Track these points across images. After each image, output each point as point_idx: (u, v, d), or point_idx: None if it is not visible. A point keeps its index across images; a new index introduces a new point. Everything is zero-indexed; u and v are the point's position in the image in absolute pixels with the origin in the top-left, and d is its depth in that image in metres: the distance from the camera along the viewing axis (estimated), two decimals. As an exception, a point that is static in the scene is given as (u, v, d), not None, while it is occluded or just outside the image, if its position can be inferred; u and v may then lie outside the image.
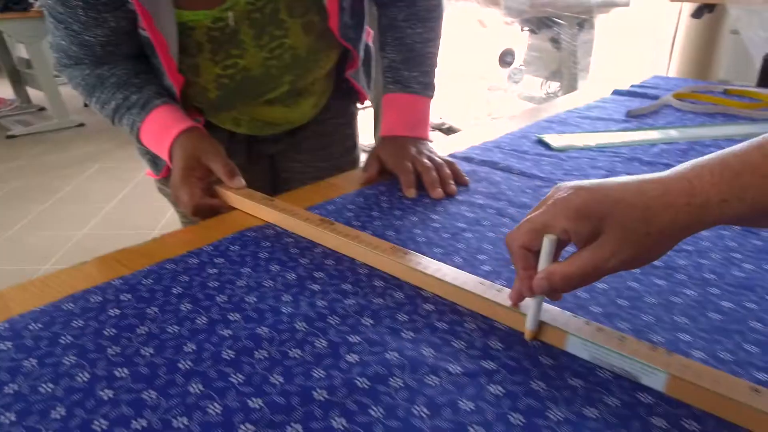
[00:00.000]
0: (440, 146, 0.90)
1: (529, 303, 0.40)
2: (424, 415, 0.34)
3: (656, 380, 0.36)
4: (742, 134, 0.97)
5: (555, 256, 0.38)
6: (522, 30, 2.80)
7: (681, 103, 1.17)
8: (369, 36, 0.89)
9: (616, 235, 0.34)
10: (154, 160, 0.76)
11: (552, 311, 0.42)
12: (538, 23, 2.68)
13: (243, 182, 0.64)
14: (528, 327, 0.41)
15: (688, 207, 0.33)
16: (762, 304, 0.46)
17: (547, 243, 0.37)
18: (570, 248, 0.39)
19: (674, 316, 0.45)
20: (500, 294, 0.44)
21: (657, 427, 0.34)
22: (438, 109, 3.45)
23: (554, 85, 2.82)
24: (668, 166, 0.80)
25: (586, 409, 0.35)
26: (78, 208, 2.54)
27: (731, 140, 0.93)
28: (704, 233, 0.59)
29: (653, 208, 0.34)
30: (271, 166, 0.91)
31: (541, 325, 0.41)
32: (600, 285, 0.49)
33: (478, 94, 3.30)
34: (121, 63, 0.68)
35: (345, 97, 0.88)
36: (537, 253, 0.38)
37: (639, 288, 0.49)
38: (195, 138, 0.64)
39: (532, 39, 2.81)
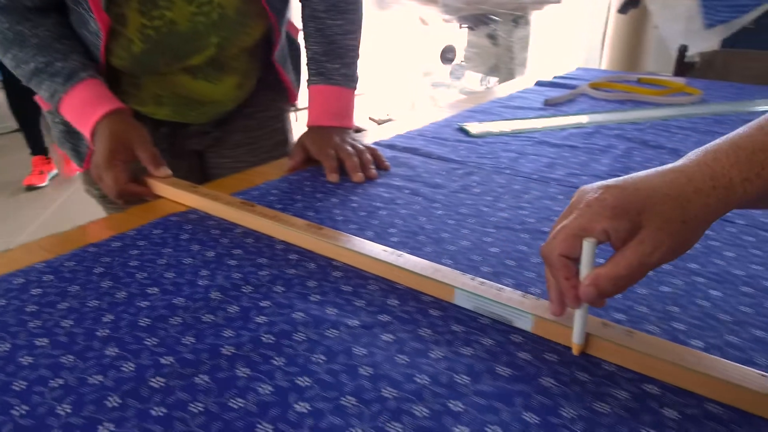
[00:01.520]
0: (369, 135, 0.95)
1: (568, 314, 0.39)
2: (321, 361, 0.38)
3: (525, 322, 0.42)
4: (645, 118, 1.06)
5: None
6: (460, 27, 2.89)
7: (596, 92, 1.26)
8: (297, 32, 0.93)
9: (656, 228, 0.34)
10: (75, 149, 0.77)
11: (443, 270, 0.47)
12: (475, 20, 2.77)
13: (168, 171, 0.67)
14: (576, 341, 0.39)
15: (714, 191, 0.34)
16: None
17: (588, 247, 0.35)
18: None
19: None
20: (400, 258, 0.49)
21: (523, 359, 0.39)
22: (385, 106, 3.50)
23: (493, 80, 2.92)
24: (573, 147, 0.87)
25: (464, 348, 0.40)
26: None
27: (635, 123, 1.02)
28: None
29: (684, 195, 0.34)
30: (199, 163, 0.92)
31: (431, 282, 0.46)
32: (492, 249, 0.55)
33: (423, 90, 3.38)
34: (43, 22, 0.67)
35: (272, 90, 0.91)
36: (576, 261, 0.36)
37: (529, 251, 0.54)
38: (122, 121, 0.66)
39: (471, 36, 2.91)
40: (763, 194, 0.34)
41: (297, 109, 0.99)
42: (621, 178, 0.36)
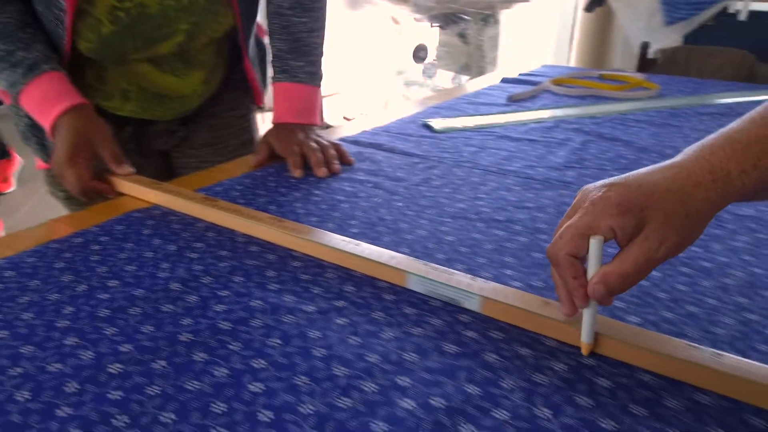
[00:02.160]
0: (335, 132, 0.96)
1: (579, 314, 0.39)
2: (277, 345, 0.40)
3: (473, 303, 0.44)
4: (604, 112, 1.10)
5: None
6: (431, 26, 2.92)
7: (558, 88, 1.29)
8: (264, 34, 0.94)
9: (660, 223, 0.34)
10: (41, 143, 0.76)
11: (397, 257, 0.49)
12: (446, 19, 2.80)
13: (131, 169, 0.67)
14: (585, 340, 0.39)
15: (714, 184, 0.35)
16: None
17: (595, 245, 0.35)
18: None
19: (504, 258, 0.53)
20: (358, 247, 0.51)
21: (469, 337, 0.41)
22: (359, 105, 3.52)
23: (464, 79, 2.95)
24: (533, 141, 0.90)
25: (414, 329, 0.42)
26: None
27: (593, 117, 1.05)
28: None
29: (685, 190, 0.35)
30: (165, 163, 0.92)
31: (385, 268, 0.48)
32: (448, 237, 0.57)
33: (396, 88, 3.40)
34: (7, 9, 0.66)
35: (238, 90, 0.92)
36: (582, 260, 0.37)
37: (482, 238, 0.57)
38: (84, 118, 0.66)
39: (442, 35, 2.94)
40: (761, 186, 0.35)
41: (263, 110, 0.99)
42: (623, 175, 0.37)
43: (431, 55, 3.17)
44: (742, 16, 1.88)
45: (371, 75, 3.58)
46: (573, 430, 0.33)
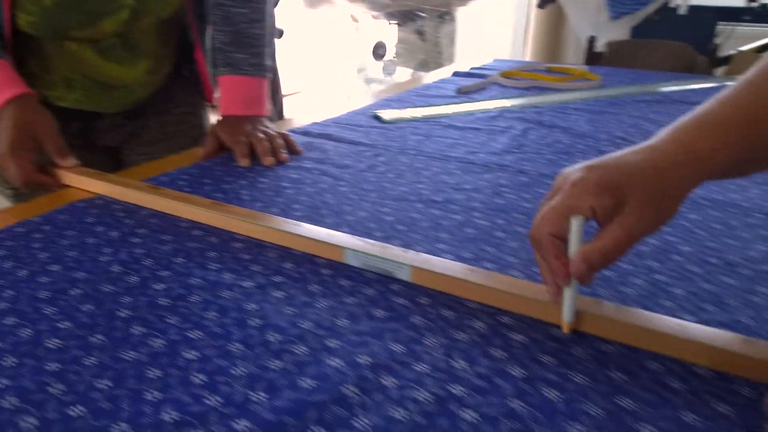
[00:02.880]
0: (284, 124, 0.98)
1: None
2: (214, 317, 0.42)
3: (404, 273, 0.47)
4: (547, 102, 1.14)
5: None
6: (389, 24, 2.95)
7: (506, 81, 1.34)
8: None
9: (638, 202, 0.36)
10: None
11: (336, 235, 0.51)
12: (402, 17, 2.84)
13: (75, 161, 0.68)
14: (566, 319, 0.40)
15: (687, 163, 0.36)
16: (511, 221, 0.59)
17: (576, 224, 0.37)
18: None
19: (438, 233, 0.56)
20: (298, 227, 0.53)
21: (398, 304, 0.44)
22: (321, 103, 3.52)
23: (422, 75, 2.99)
24: (476, 129, 0.94)
25: (348, 298, 0.44)
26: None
27: (536, 107, 1.10)
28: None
29: (662, 169, 0.36)
30: (115, 160, 0.92)
31: (323, 245, 0.50)
32: (387, 217, 0.59)
33: (358, 86, 3.42)
34: None
35: (188, 86, 0.93)
36: (564, 240, 0.38)
37: (420, 217, 0.60)
38: (28, 108, 0.65)
39: (400, 32, 2.97)
40: (734, 162, 0.36)
41: (215, 108, 1.00)
42: (602, 158, 0.38)
43: (390, 53, 3.21)
44: (682, 11, 1.97)
45: (332, 73, 3.59)
46: (485, 378, 0.36)
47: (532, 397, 0.34)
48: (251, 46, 0.81)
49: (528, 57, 3.16)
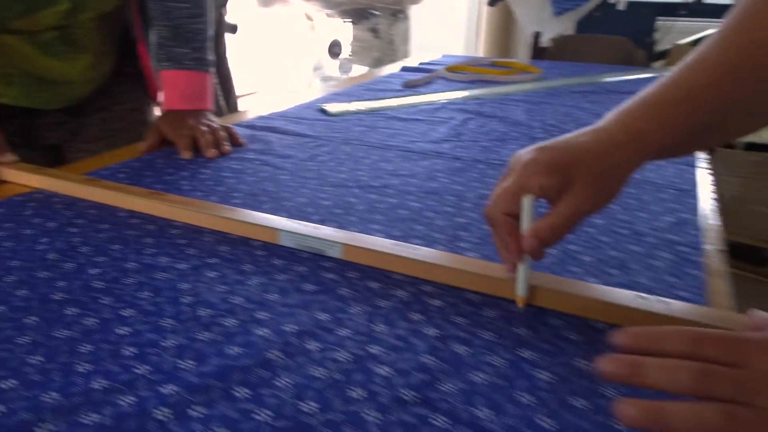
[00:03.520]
0: (229, 117, 0.99)
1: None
2: (147, 297, 0.43)
3: (335, 250, 0.49)
4: (489, 94, 1.19)
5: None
6: (343, 22, 2.97)
7: (452, 75, 1.38)
8: None
9: (584, 181, 0.38)
10: None
11: (271, 218, 0.53)
12: (356, 15, 2.86)
13: (14, 157, 0.67)
14: (519, 293, 0.42)
15: (630, 143, 0.38)
16: (442, 203, 0.63)
17: (527, 202, 0.39)
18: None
19: (373, 215, 0.59)
20: (235, 212, 0.55)
21: (328, 278, 0.46)
22: (278, 102, 3.50)
23: (379, 72, 3.03)
24: (418, 120, 0.97)
25: (279, 275, 0.47)
26: None
27: (478, 99, 1.14)
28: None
29: (605, 149, 0.38)
30: (57, 158, 0.91)
31: (258, 228, 0.52)
32: (325, 202, 0.62)
33: (314, 84, 3.42)
34: None
35: (131, 82, 0.93)
36: (517, 219, 0.40)
37: (356, 201, 0.62)
38: None
39: (355, 30, 2.99)
40: (676, 142, 0.39)
41: (159, 105, 1.00)
42: (552, 140, 0.40)
43: (346, 51, 3.22)
44: (621, 6, 2.06)
45: (288, 72, 3.58)
46: (402, 338, 0.39)
47: (443, 353, 0.37)
48: (192, 40, 0.82)
49: (481, 53, 3.23)
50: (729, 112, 0.40)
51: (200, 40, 0.84)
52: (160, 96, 0.93)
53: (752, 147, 1.90)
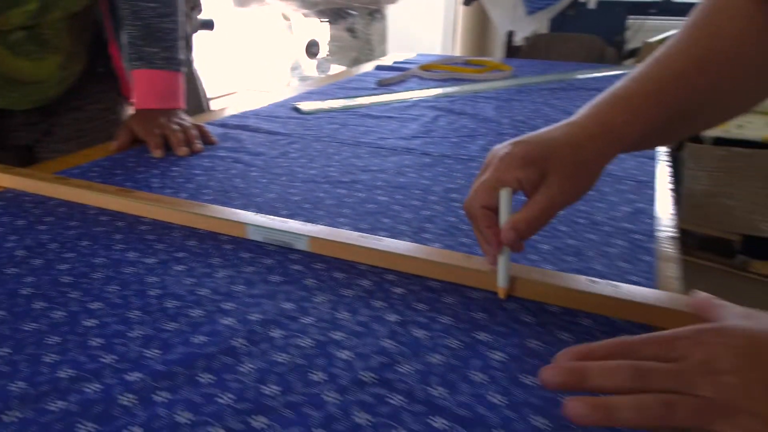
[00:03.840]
0: (202, 117, 0.99)
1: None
2: (115, 290, 0.44)
3: (302, 243, 0.51)
4: (460, 92, 1.21)
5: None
6: (320, 22, 2.97)
7: (425, 73, 1.40)
8: None
9: (559, 173, 0.39)
10: None
11: (239, 213, 0.54)
12: (333, 15, 2.87)
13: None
14: (500, 284, 0.43)
15: (603, 135, 0.39)
16: (409, 197, 0.64)
17: (505, 195, 0.40)
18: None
19: (341, 209, 0.60)
20: (203, 208, 0.55)
21: (294, 270, 0.48)
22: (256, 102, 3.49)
23: (357, 71, 3.04)
24: (390, 117, 0.99)
25: (246, 267, 0.48)
26: None
27: (449, 96, 1.16)
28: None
29: (579, 142, 0.40)
30: (29, 159, 0.90)
31: (227, 223, 0.53)
32: (294, 198, 0.63)
33: (293, 84, 3.42)
34: None
35: (103, 82, 0.93)
36: (495, 212, 0.41)
37: (325, 196, 0.64)
38: None
39: (332, 30, 3.00)
40: (648, 134, 0.40)
41: (132, 104, 1.00)
42: (527, 134, 0.41)
43: (324, 51, 3.23)
44: (591, 5, 2.10)
45: (266, 73, 3.57)
46: (364, 324, 0.40)
47: (403, 337, 0.39)
48: (162, 40, 0.83)
49: (458, 52, 3.26)
50: (697, 104, 0.42)
51: (171, 40, 0.84)
52: (131, 94, 0.94)
53: (720, 142, 1.95)
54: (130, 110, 1.00)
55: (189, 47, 1.70)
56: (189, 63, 1.69)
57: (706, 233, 2.09)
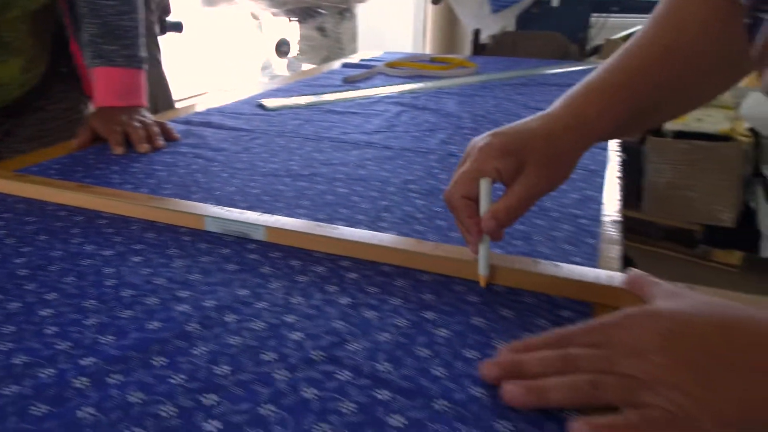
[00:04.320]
0: (165, 114, 0.99)
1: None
2: (72, 281, 0.45)
3: (259, 233, 0.52)
4: (425, 88, 1.23)
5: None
6: (290, 21, 2.97)
7: (391, 70, 1.42)
8: None
9: (535, 163, 0.40)
10: None
11: (197, 206, 0.55)
12: (303, 14, 2.87)
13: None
14: (481, 273, 0.44)
15: (577, 126, 0.41)
16: (368, 188, 0.66)
17: (484, 185, 0.41)
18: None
19: (300, 201, 0.62)
20: (162, 201, 0.56)
21: (251, 259, 0.49)
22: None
23: (327, 70, 3.04)
24: (354, 113, 1.00)
25: (203, 257, 0.49)
26: None
27: (413, 93, 1.18)
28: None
29: (554, 133, 0.41)
30: None
31: (184, 215, 0.54)
32: (254, 191, 0.64)
33: (263, 84, 3.41)
34: None
35: (66, 81, 0.92)
36: (475, 202, 0.42)
37: (285, 189, 0.65)
38: None
39: (302, 29, 3.00)
40: (620, 124, 0.41)
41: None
42: (505, 126, 0.42)
43: (294, 50, 3.22)
44: (555, 3, 2.15)
45: (236, 72, 3.55)
46: (316, 308, 0.42)
47: (353, 318, 0.41)
48: (122, 37, 0.83)
49: (428, 50, 3.29)
50: (663, 95, 0.44)
51: (131, 37, 0.84)
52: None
53: (681, 135, 2.02)
54: (92, 108, 0.99)
55: (156, 46, 1.69)
56: (157, 62, 1.68)
57: (669, 224, 2.16)
